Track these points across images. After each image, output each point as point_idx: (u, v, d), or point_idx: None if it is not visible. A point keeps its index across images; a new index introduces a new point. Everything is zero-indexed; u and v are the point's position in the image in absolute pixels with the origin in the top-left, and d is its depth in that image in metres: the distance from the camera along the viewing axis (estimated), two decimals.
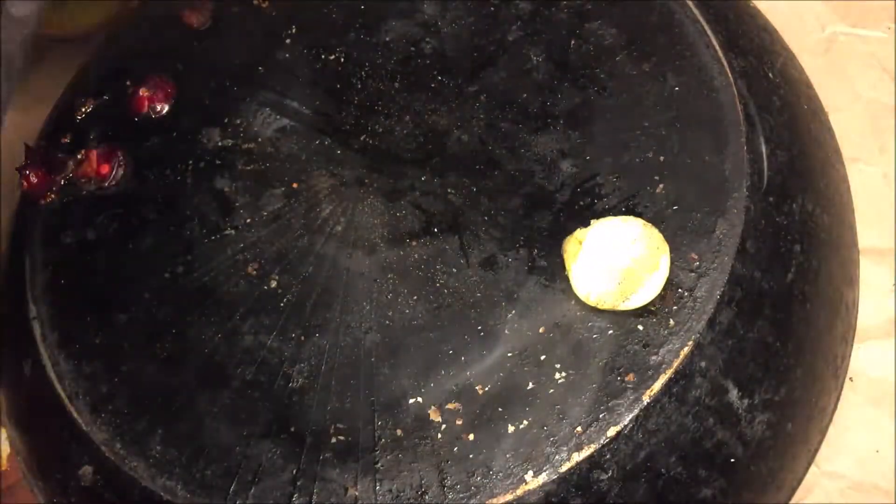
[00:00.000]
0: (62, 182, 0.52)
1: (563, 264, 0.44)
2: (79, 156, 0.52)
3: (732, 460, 0.44)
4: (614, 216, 0.44)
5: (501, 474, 0.41)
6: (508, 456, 0.42)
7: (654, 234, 0.43)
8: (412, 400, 0.44)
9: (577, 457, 0.41)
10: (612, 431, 0.41)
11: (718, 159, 0.46)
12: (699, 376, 0.43)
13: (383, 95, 0.52)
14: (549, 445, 0.41)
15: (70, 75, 0.57)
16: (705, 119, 0.47)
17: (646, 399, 0.42)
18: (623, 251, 0.43)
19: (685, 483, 0.43)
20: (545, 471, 0.41)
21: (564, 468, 0.41)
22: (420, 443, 0.43)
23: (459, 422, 0.43)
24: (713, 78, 0.48)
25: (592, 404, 0.42)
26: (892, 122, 0.60)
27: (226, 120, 0.53)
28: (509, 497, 0.41)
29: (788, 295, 0.46)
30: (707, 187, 0.45)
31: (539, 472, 0.41)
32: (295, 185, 0.50)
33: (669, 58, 0.49)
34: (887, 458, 0.53)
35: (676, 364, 0.42)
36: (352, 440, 0.43)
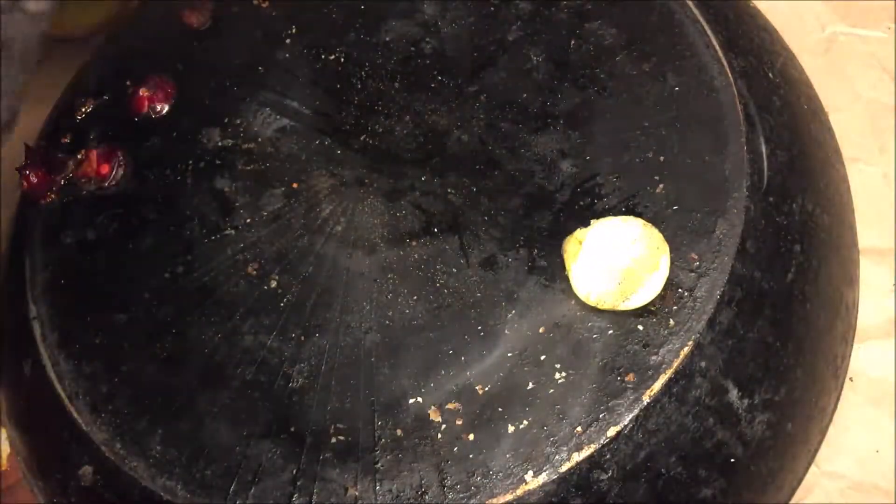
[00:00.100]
0: (62, 182, 0.52)
1: (563, 264, 0.44)
2: (79, 156, 0.52)
3: (732, 460, 0.44)
4: (614, 216, 0.44)
5: (501, 474, 0.41)
6: (508, 456, 0.42)
7: (654, 234, 0.43)
8: (412, 400, 0.44)
9: (577, 457, 0.41)
10: (612, 431, 0.41)
11: (718, 159, 0.46)
12: (699, 376, 0.43)
13: (383, 95, 0.52)
14: (549, 445, 0.41)
15: (70, 75, 0.57)
16: (705, 119, 0.47)
17: (646, 399, 0.42)
18: (623, 251, 0.43)
19: (685, 483, 0.43)
20: (545, 471, 0.41)
21: (564, 468, 0.41)
22: (420, 443, 0.43)
23: (459, 422, 0.43)
24: (713, 78, 0.48)
25: (592, 404, 0.42)
26: (892, 122, 0.60)
27: (226, 120, 0.53)
28: (509, 497, 0.41)
29: (788, 295, 0.46)
30: (707, 187, 0.45)
31: (539, 472, 0.41)
32: (295, 185, 0.50)
33: (669, 58, 0.49)
34: (887, 458, 0.53)
35: (676, 364, 0.42)
36: (352, 440, 0.43)
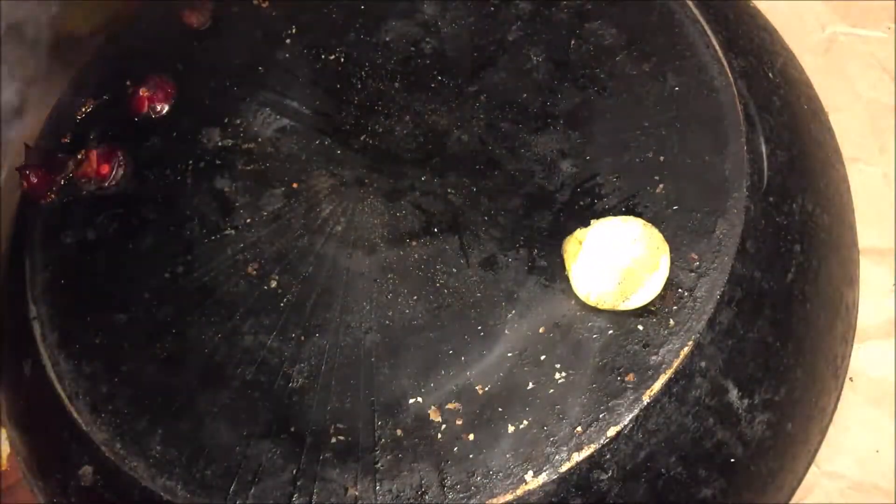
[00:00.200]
0: (62, 182, 0.52)
1: (563, 264, 0.44)
2: (79, 156, 0.52)
3: (732, 460, 0.44)
4: (614, 216, 0.44)
5: (501, 474, 0.41)
6: (508, 456, 0.42)
7: (654, 234, 0.43)
8: (412, 400, 0.44)
9: (577, 457, 0.41)
10: (612, 431, 0.41)
11: (718, 159, 0.46)
12: (699, 376, 0.43)
13: (383, 95, 0.52)
14: (549, 445, 0.41)
15: (70, 75, 0.57)
16: (705, 119, 0.47)
17: (646, 399, 0.42)
18: (623, 251, 0.43)
19: (685, 483, 0.43)
20: (545, 471, 0.41)
21: (564, 468, 0.41)
22: (420, 443, 0.43)
23: (459, 422, 0.43)
24: (713, 78, 0.48)
25: (592, 404, 0.42)
26: (892, 122, 0.60)
27: (226, 120, 0.53)
28: (509, 497, 0.41)
29: (788, 295, 0.46)
30: (707, 187, 0.45)
31: (539, 472, 0.41)
32: (295, 185, 0.50)
33: (669, 58, 0.49)
34: (887, 458, 0.53)
35: (676, 364, 0.42)
36: (352, 440, 0.43)
